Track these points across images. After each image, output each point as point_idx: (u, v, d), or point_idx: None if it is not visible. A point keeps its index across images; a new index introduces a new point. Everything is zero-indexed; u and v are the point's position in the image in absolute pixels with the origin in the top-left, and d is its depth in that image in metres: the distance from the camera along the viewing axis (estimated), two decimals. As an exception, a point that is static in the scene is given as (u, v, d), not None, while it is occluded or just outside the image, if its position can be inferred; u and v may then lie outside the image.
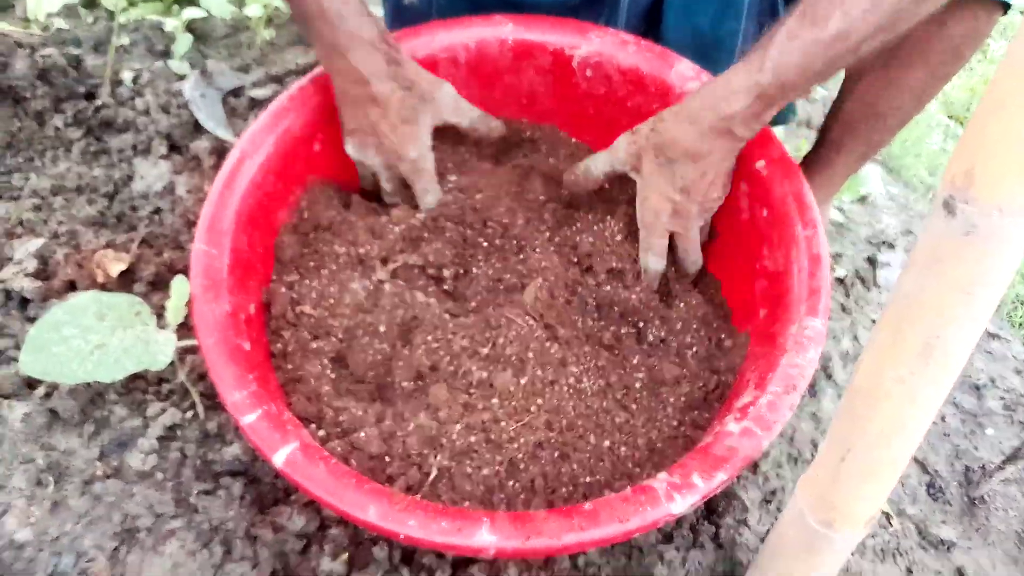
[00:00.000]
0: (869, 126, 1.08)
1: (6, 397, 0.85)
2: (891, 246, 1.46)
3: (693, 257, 0.92)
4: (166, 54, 1.35)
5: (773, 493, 0.94)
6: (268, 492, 0.84)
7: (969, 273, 0.48)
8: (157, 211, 1.14)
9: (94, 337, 0.70)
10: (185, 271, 1.01)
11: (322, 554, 0.80)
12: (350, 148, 0.93)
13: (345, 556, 0.80)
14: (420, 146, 0.91)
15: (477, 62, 1.00)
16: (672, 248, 0.90)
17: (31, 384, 0.88)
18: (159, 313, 0.91)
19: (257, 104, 1.28)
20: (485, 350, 0.81)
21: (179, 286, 0.77)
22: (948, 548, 1.02)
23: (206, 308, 0.77)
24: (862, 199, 1.52)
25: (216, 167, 1.20)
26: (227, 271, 0.81)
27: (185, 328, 0.81)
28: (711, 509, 0.89)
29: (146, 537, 0.76)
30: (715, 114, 0.81)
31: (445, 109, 0.93)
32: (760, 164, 0.88)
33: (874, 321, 1.32)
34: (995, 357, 1.32)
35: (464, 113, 0.95)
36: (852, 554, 0.97)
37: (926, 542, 1.02)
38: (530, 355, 0.80)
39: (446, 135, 0.96)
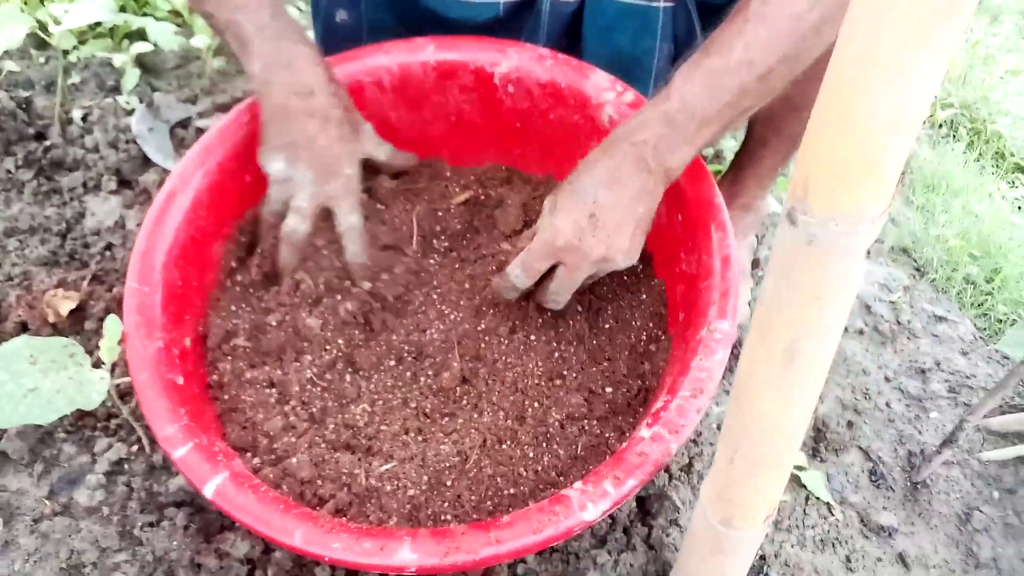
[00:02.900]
0: (789, 120, 1.10)
1: (-43, 441, 0.88)
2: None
3: (561, 298, 0.86)
4: (116, 89, 1.38)
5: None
6: (214, 520, 0.87)
7: (816, 280, 0.51)
8: (109, 247, 1.17)
9: (26, 381, 0.73)
10: (134, 305, 1.04)
11: (267, 573, 0.82)
12: (277, 163, 0.87)
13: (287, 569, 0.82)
14: (355, 166, 0.90)
15: (402, 85, 1.02)
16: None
17: (-18, 427, 0.91)
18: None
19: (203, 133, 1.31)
20: (409, 373, 0.84)
21: (112, 326, 0.80)
22: (890, 534, 1.04)
23: (138, 345, 0.80)
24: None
25: (165, 200, 1.23)
26: (160, 307, 0.84)
27: (125, 365, 0.84)
28: (645, 511, 0.92)
29: (91, 572, 0.79)
30: (628, 142, 0.81)
31: (369, 141, 0.94)
32: (675, 172, 0.90)
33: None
34: (942, 340, 1.34)
35: (383, 147, 0.96)
36: (792, 545, 0.99)
37: (868, 529, 1.04)
38: (460, 385, 0.84)
39: None
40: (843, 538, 1.02)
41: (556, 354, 0.88)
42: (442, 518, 0.77)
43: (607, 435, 0.83)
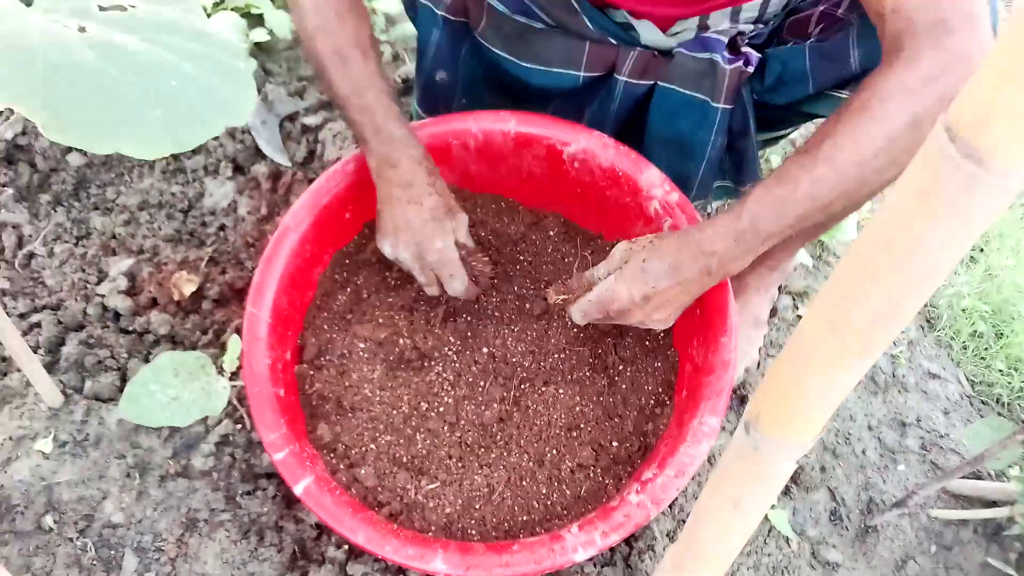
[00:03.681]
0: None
1: (104, 401, 1.14)
2: (861, 282, 1.63)
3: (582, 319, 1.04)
4: (234, 70, 1.55)
5: (680, 525, 1.19)
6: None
7: (756, 471, 0.70)
8: (222, 228, 1.38)
9: (171, 391, 0.97)
10: (243, 291, 1.27)
11: (329, 543, 1.08)
12: (387, 247, 1.07)
13: (346, 546, 1.08)
14: (445, 239, 1.05)
15: (485, 147, 1.19)
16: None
17: (123, 389, 1.16)
18: (222, 334, 1.17)
19: (308, 130, 1.49)
20: (460, 417, 1.06)
21: (234, 344, 1.02)
22: (834, 568, 1.26)
23: (252, 363, 1.02)
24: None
25: (272, 189, 1.43)
26: (268, 329, 1.06)
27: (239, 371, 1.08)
28: (631, 535, 1.14)
29: (203, 526, 1.05)
30: (699, 248, 0.96)
31: (461, 229, 1.09)
32: (700, 270, 1.07)
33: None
34: (929, 396, 1.51)
35: (471, 242, 1.11)
36: (748, 568, 1.22)
37: (816, 561, 1.26)
38: (497, 424, 1.05)
39: None
40: (792, 567, 1.24)
41: (577, 408, 1.09)
42: (468, 532, 1.00)
43: (607, 482, 1.05)
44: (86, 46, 0.60)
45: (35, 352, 1.16)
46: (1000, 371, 1.60)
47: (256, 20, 1.60)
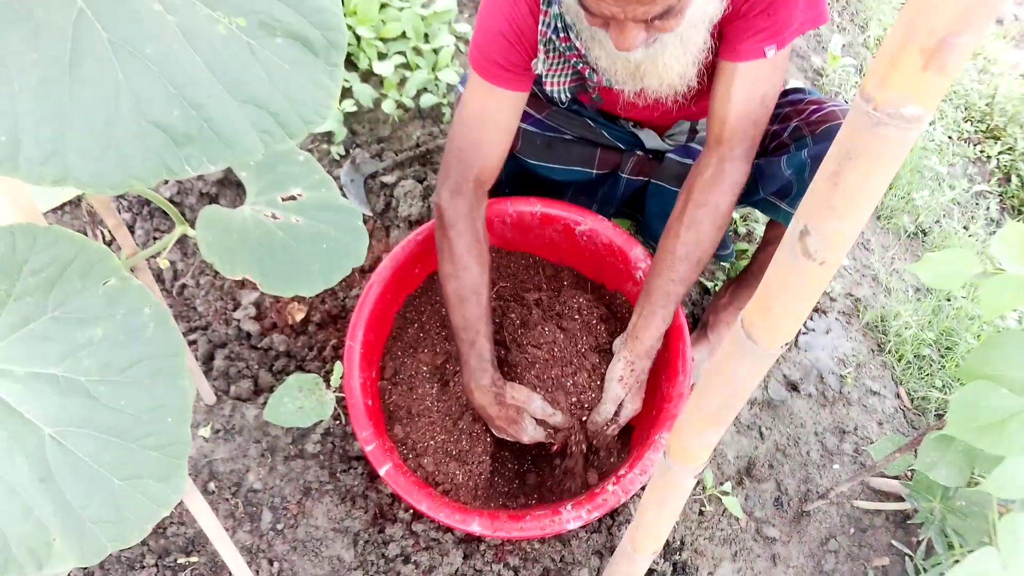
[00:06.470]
0: None
1: (243, 400, 1.60)
2: (823, 313, 2.01)
3: (634, 406, 1.44)
4: (328, 136, 1.99)
5: (656, 503, 1.61)
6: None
7: (671, 484, 1.12)
8: (320, 265, 1.83)
9: (297, 402, 1.42)
10: (337, 316, 1.72)
11: (400, 508, 1.54)
12: (502, 434, 1.44)
13: (411, 511, 1.53)
14: (528, 432, 1.42)
15: (518, 222, 1.61)
16: None
17: (257, 392, 1.62)
18: (324, 350, 1.63)
19: (385, 187, 1.92)
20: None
21: (337, 368, 1.47)
22: (772, 542, 1.67)
23: (350, 381, 1.47)
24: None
25: (357, 234, 1.87)
26: (360, 357, 1.51)
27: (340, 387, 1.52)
28: (616, 511, 1.58)
29: (315, 493, 1.51)
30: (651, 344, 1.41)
31: (533, 407, 1.43)
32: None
33: (786, 375, 1.91)
34: (868, 410, 1.89)
35: (546, 410, 1.43)
36: (704, 539, 1.64)
37: (759, 536, 1.68)
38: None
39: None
40: (739, 540, 1.66)
41: (577, 420, 1.52)
42: (497, 504, 1.45)
43: (598, 480, 1.48)
44: (277, 228, 1.04)
45: (195, 362, 1.62)
46: (937, 388, 1.97)
47: (346, 92, 2.03)
